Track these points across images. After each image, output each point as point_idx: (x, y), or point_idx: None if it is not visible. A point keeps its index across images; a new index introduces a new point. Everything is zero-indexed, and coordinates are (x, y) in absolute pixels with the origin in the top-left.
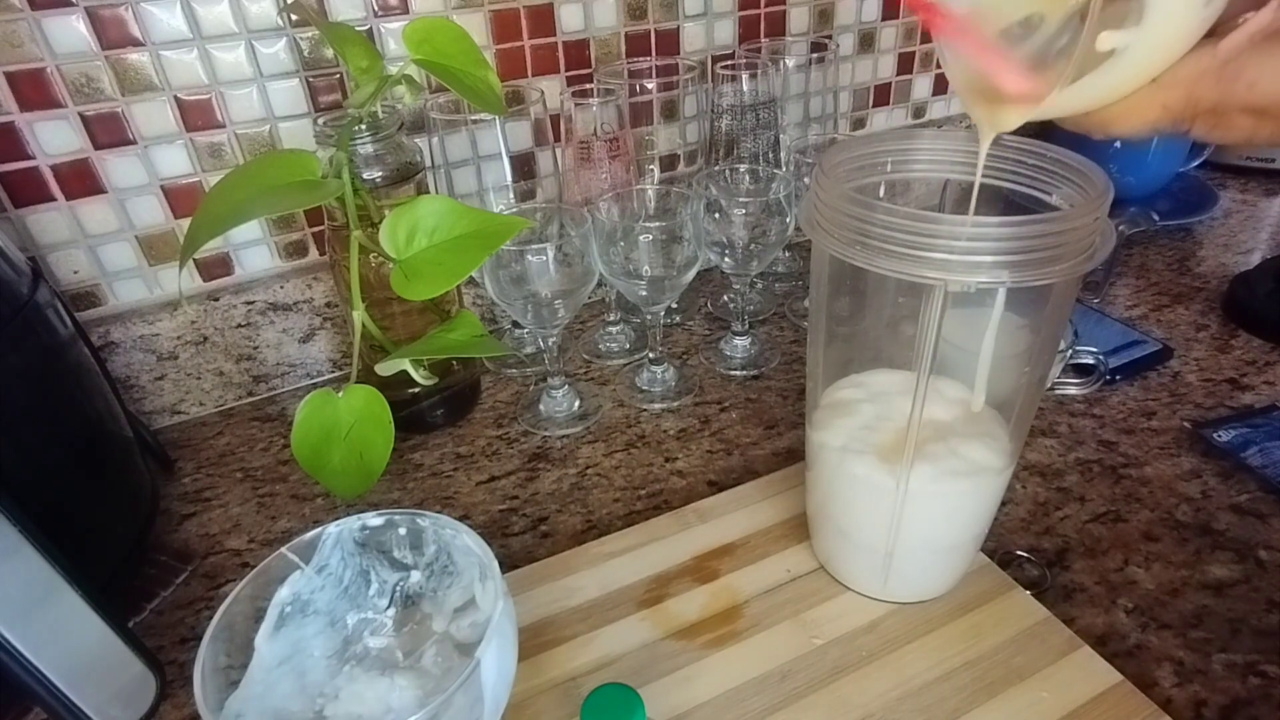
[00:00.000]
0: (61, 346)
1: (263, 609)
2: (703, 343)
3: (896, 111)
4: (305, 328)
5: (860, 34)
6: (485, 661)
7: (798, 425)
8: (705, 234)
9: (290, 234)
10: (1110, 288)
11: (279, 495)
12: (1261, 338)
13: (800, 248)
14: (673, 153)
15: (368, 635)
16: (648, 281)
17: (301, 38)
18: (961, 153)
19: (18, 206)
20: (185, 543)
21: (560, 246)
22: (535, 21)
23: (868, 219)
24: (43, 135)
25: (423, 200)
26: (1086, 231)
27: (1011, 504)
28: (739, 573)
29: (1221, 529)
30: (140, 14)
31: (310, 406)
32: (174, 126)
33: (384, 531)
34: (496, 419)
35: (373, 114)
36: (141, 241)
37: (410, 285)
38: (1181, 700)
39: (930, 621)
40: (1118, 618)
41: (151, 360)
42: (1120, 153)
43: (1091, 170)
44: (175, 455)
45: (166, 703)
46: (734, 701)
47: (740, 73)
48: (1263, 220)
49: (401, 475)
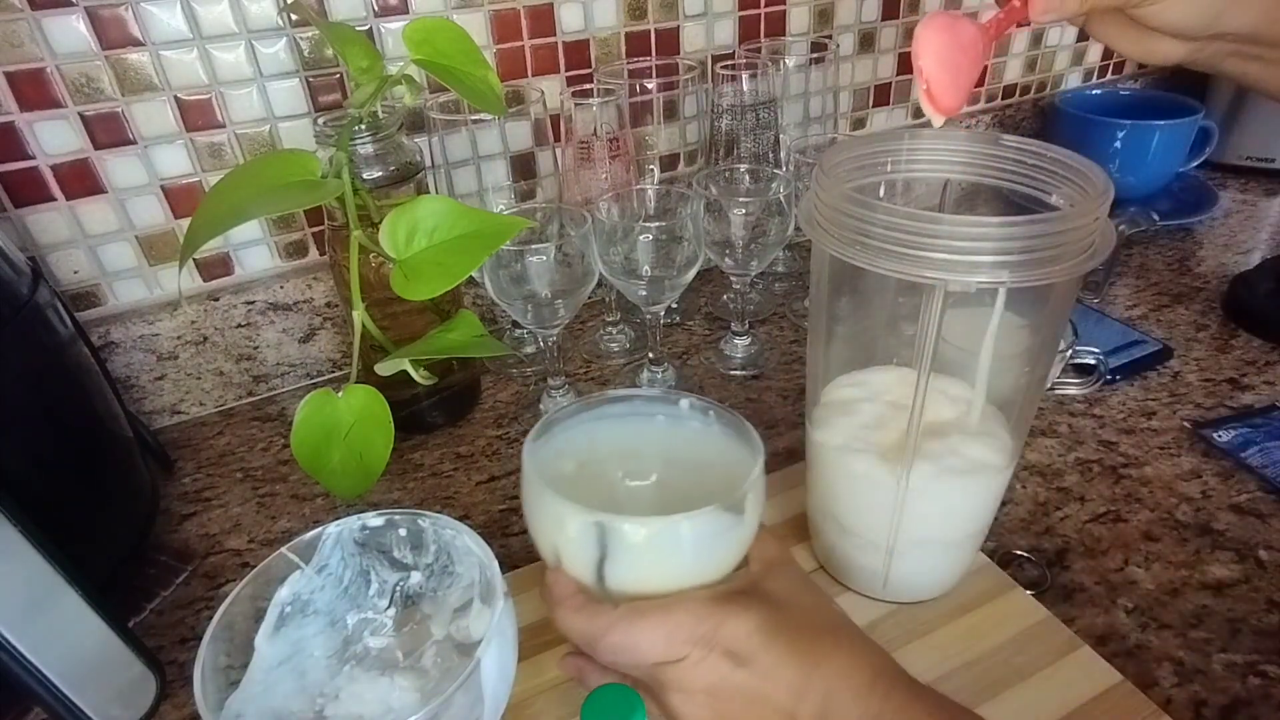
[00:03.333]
0: (61, 346)
1: (263, 609)
2: (703, 343)
3: (896, 111)
4: (305, 328)
5: (860, 34)
6: (485, 661)
7: (798, 425)
8: (705, 234)
9: (290, 234)
10: (1110, 288)
11: (279, 495)
12: (1261, 338)
13: (800, 248)
14: (673, 153)
15: (368, 635)
16: (648, 281)
17: (301, 38)
18: (961, 153)
19: (18, 206)
20: (185, 543)
21: (560, 246)
22: (535, 21)
23: (868, 219)
24: (43, 135)
25: (423, 200)
26: (1086, 231)
27: (1011, 504)
28: None
29: (1221, 529)
30: (140, 14)
31: (310, 406)
32: (174, 126)
33: (384, 532)
34: (496, 419)
35: (373, 114)
36: (141, 241)
37: (410, 285)
38: (1181, 700)
39: (930, 621)
40: (1118, 618)
41: (151, 360)
42: (1120, 153)
43: (1091, 170)
44: (175, 455)
45: (166, 703)
46: None
47: (740, 73)
48: (1263, 220)
49: (401, 475)
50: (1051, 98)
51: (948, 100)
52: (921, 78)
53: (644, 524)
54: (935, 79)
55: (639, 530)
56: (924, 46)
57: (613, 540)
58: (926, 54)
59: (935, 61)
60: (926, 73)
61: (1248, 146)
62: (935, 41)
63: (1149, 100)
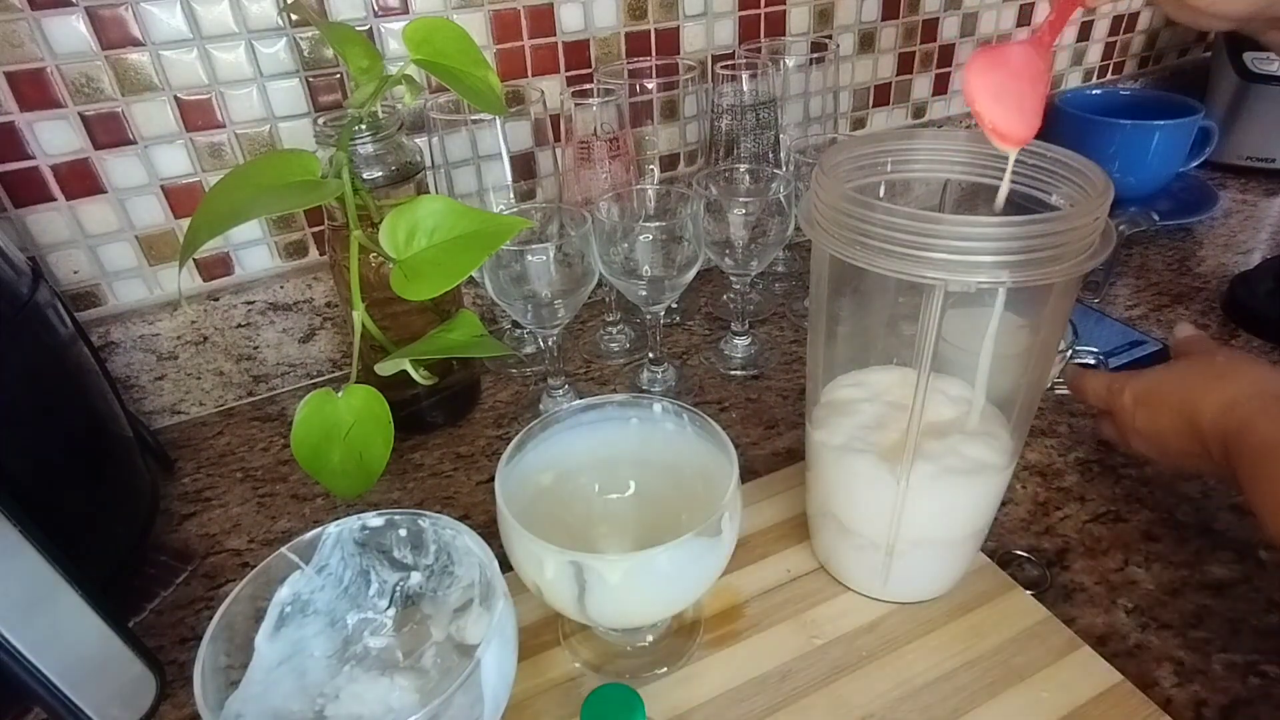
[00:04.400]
0: (61, 346)
1: (263, 609)
2: (703, 343)
3: (896, 111)
4: (305, 328)
5: (860, 34)
6: (485, 661)
7: (797, 425)
8: (705, 234)
9: (290, 234)
10: (1110, 288)
11: (279, 495)
12: (1262, 338)
13: (800, 248)
14: (673, 153)
15: (368, 635)
16: (648, 281)
17: (301, 38)
18: (962, 153)
19: (18, 206)
20: (185, 543)
21: (560, 246)
22: (535, 21)
23: (868, 219)
24: (43, 135)
25: (423, 200)
26: (1086, 231)
27: (1011, 504)
28: (739, 573)
29: (1221, 529)
30: (140, 14)
31: (310, 406)
32: (174, 126)
33: (384, 532)
34: (496, 419)
35: (373, 114)
36: (141, 241)
37: (410, 285)
38: (1181, 700)
39: (930, 621)
40: (1118, 618)
41: (151, 360)
42: (1120, 153)
43: (1091, 170)
44: (175, 455)
45: (166, 703)
46: (734, 701)
47: (740, 73)
48: (1263, 220)
49: (401, 475)
50: (1051, 98)
51: (1017, 131)
52: (983, 122)
53: (620, 561)
54: (996, 116)
55: (615, 568)
56: (975, 93)
57: (591, 577)
58: (981, 98)
59: (991, 100)
60: (987, 116)
61: (1248, 146)
62: (984, 82)
63: (1149, 100)
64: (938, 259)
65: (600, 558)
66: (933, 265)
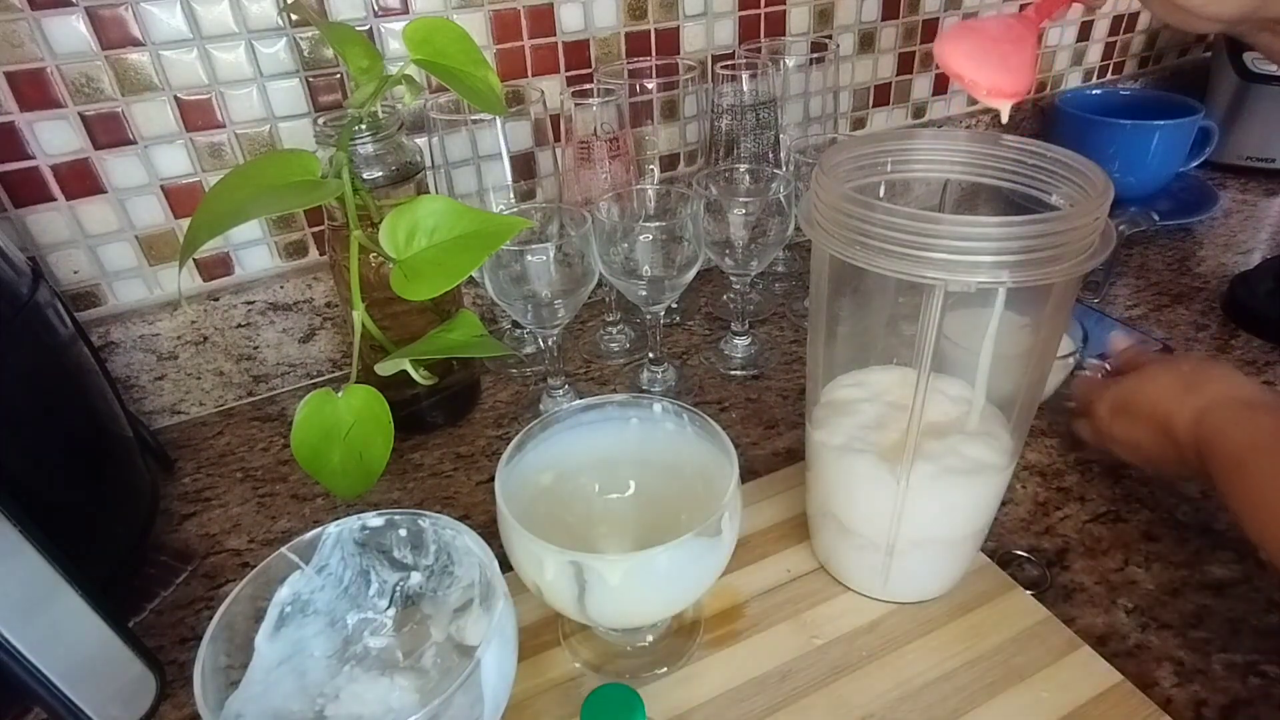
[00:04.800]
0: (61, 346)
1: (263, 609)
2: (703, 343)
3: (896, 111)
4: (305, 328)
5: (860, 34)
6: (485, 661)
7: (797, 425)
8: (705, 234)
9: (290, 234)
10: (1110, 288)
11: (279, 495)
12: (1262, 338)
13: (800, 248)
14: (673, 153)
15: (368, 635)
16: (648, 281)
17: (301, 38)
18: (962, 153)
19: (18, 206)
20: (185, 543)
21: (560, 246)
22: (535, 21)
23: (868, 219)
24: (43, 135)
25: (423, 200)
26: (1086, 231)
27: (1011, 504)
28: (739, 573)
29: (1221, 529)
30: (140, 14)
31: (310, 406)
32: (174, 126)
33: (384, 532)
34: (496, 419)
35: (373, 114)
36: (141, 241)
37: (410, 285)
38: (1181, 700)
39: (930, 621)
40: (1118, 618)
41: (151, 360)
42: (1120, 153)
43: (1091, 170)
44: (175, 455)
45: (166, 703)
46: (734, 701)
47: (740, 73)
48: (1263, 220)
49: (401, 475)
50: (1051, 98)
51: (1005, 83)
52: (963, 82)
53: (620, 561)
54: (978, 75)
55: (615, 568)
56: (948, 57)
57: (591, 577)
58: (955, 60)
59: (966, 59)
60: (966, 75)
61: (1248, 146)
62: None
63: (1149, 100)
64: (938, 259)
65: (600, 558)
66: (933, 265)
